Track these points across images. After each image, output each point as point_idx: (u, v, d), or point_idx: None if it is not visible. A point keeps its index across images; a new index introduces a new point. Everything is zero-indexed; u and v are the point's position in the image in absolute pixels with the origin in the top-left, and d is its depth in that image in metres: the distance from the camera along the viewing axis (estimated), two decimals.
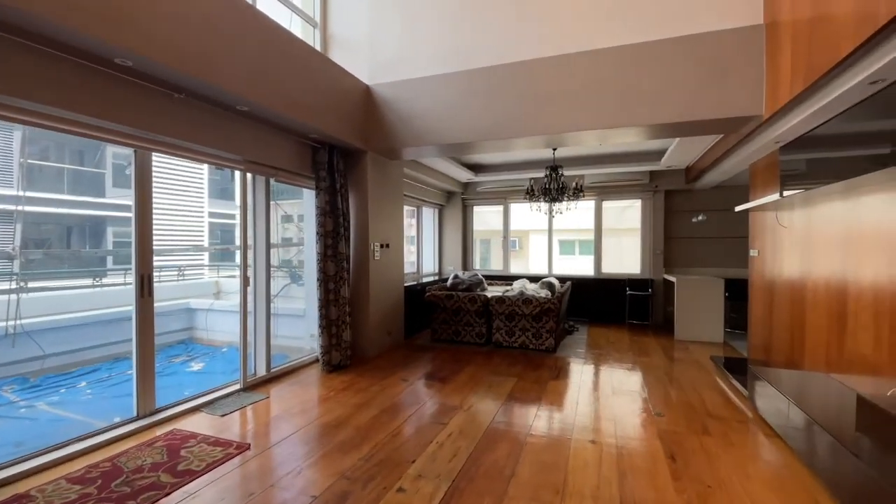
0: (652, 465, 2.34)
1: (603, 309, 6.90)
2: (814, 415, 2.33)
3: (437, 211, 7.71)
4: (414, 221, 6.92)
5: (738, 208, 4.45)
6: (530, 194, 5.58)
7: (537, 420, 2.96)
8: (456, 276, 5.79)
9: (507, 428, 2.82)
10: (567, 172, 5.72)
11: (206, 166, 11.80)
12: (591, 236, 7.30)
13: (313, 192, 4.19)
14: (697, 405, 3.23)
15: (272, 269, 3.97)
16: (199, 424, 2.87)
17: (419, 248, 6.95)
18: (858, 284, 2.60)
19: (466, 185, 7.62)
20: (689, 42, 3.39)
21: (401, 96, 4.33)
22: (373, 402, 3.27)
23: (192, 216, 11.03)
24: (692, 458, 2.41)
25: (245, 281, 3.58)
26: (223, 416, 3.02)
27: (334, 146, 4.20)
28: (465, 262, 7.84)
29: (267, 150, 3.64)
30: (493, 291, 5.93)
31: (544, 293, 5.19)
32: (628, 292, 6.63)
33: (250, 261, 3.73)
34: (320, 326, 4.06)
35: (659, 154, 6.03)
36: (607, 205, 7.15)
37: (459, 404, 3.24)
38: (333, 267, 4.18)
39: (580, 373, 4.08)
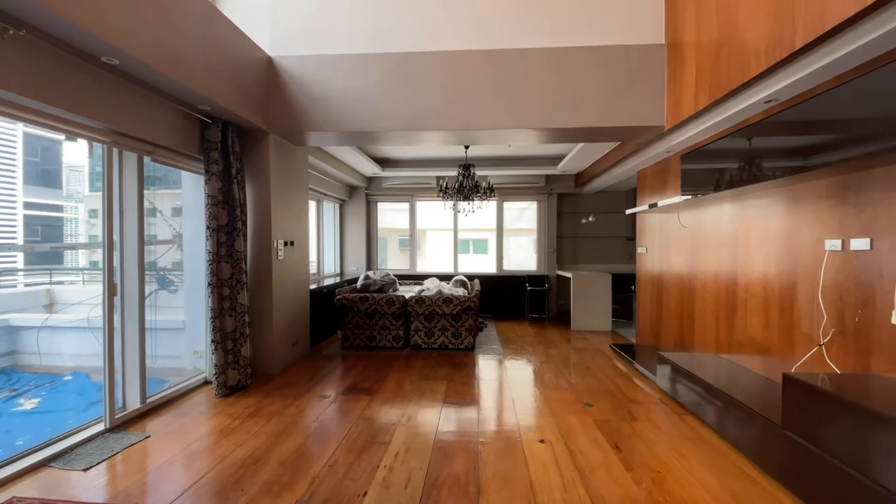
0: (603, 457, 2.39)
1: (506, 304, 7.18)
2: (720, 389, 2.63)
3: (338, 206, 7.14)
4: (314, 217, 6.28)
5: (629, 211, 4.96)
6: (444, 192, 5.48)
7: (483, 424, 2.83)
8: (367, 277, 5.40)
9: (456, 438, 2.64)
10: (476, 172, 5.77)
11: (19, 143, 9.22)
12: (485, 235, 7.53)
13: (202, 178, 3.44)
14: (616, 392, 3.47)
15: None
16: (50, 485, 2.08)
17: (320, 247, 6.34)
18: (748, 276, 3.04)
19: (371, 180, 7.21)
20: (602, 52, 3.61)
21: (312, 74, 3.82)
22: (293, 428, 2.78)
23: None
24: (634, 446, 2.53)
25: (111, 289, 2.75)
26: (86, 469, 2.24)
27: (229, 123, 3.51)
28: (370, 262, 7.43)
29: (142, 120, 2.84)
30: (406, 291, 5.69)
31: (460, 291, 5.13)
32: (528, 288, 6.99)
33: (116, 262, 2.88)
34: (213, 342, 3.35)
35: (556, 159, 6.47)
36: (508, 205, 7.45)
37: (396, 418, 2.94)
38: (229, 269, 3.49)
39: (505, 369, 4.10)
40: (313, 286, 5.26)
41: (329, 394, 3.41)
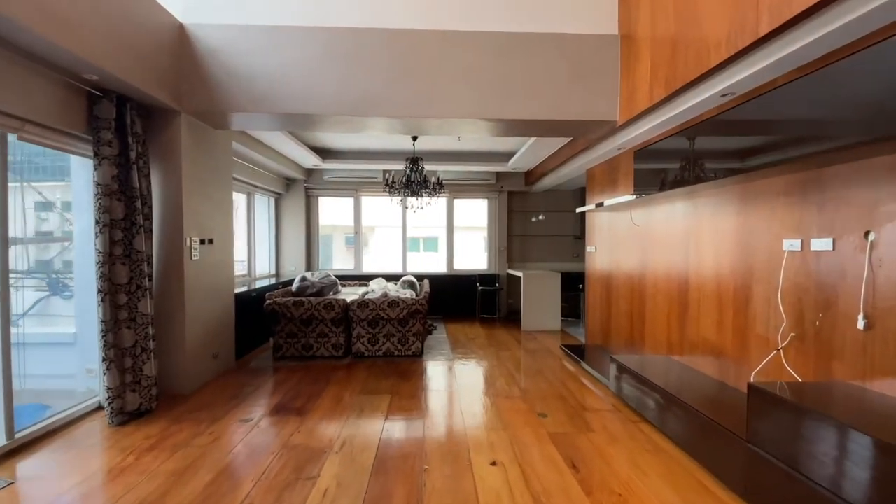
0: (560, 479, 2.16)
1: (456, 305, 6.93)
2: (677, 397, 2.51)
3: (273, 200, 6.53)
4: (244, 211, 5.67)
5: (580, 209, 4.86)
6: (390, 186, 5.11)
7: (429, 445, 2.52)
8: (303, 279, 4.92)
9: (398, 464, 2.30)
10: (425, 168, 5.45)
11: None
12: (435, 233, 7.25)
13: (90, 163, 2.85)
14: (569, 399, 3.29)
15: (19, 275, 2.53)
16: None
17: (251, 245, 5.73)
18: (700, 276, 2.96)
19: (311, 172, 6.67)
20: (556, 40, 3.41)
21: (235, 46, 3.31)
22: (201, 463, 2.32)
23: None
24: (592, 464, 2.33)
25: None
26: None
27: (127, 98, 2.93)
28: (310, 262, 6.88)
29: (3, 88, 2.25)
30: (349, 294, 5.26)
31: (408, 293, 4.80)
32: (479, 288, 6.78)
33: None
34: (105, 360, 2.78)
35: (507, 156, 6.30)
36: (458, 203, 7.20)
37: (329, 443, 2.56)
38: (126, 272, 2.93)
39: (454, 377, 3.82)
40: (242, 289, 4.70)
41: (252, 416, 2.95)
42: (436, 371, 4.01)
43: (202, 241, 3.63)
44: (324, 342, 4.37)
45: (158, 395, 3.15)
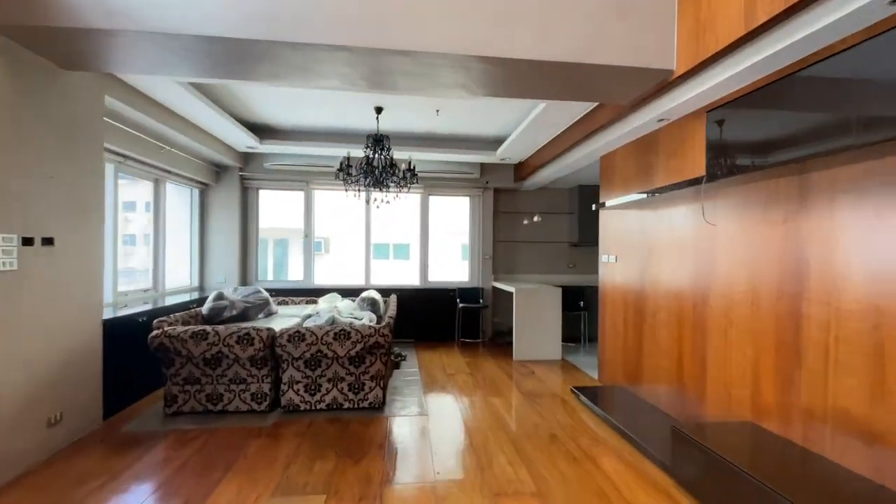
0: None
1: (431, 326, 5.67)
2: None
3: (197, 192, 5.10)
4: (150, 204, 4.24)
5: (615, 200, 3.70)
6: (344, 172, 3.83)
7: None
8: (219, 297, 3.55)
9: None
10: (393, 153, 4.20)
11: None
12: (405, 238, 6.00)
13: None
14: (613, 496, 2.09)
15: None
16: None
17: (158, 249, 4.30)
18: (837, 305, 1.83)
19: (248, 158, 5.28)
20: None
21: None
22: None
23: None
24: None
25: None
26: None
27: None
28: (248, 272, 5.46)
29: None
30: (288, 316, 3.92)
31: (366, 316, 3.51)
32: (460, 305, 5.54)
33: None
34: None
35: (496, 142, 5.14)
36: (434, 200, 5.97)
37: None
38: None
39: (432, 450, 2.55)
40: (125, 312, 3.29)
41: None
42: (403, 437, 2.74)
43: (26, 242, 2.25)
44: (239, 391, 3.01)
45: None
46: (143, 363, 3.26)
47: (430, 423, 2.96)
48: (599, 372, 4.01)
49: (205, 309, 3.47)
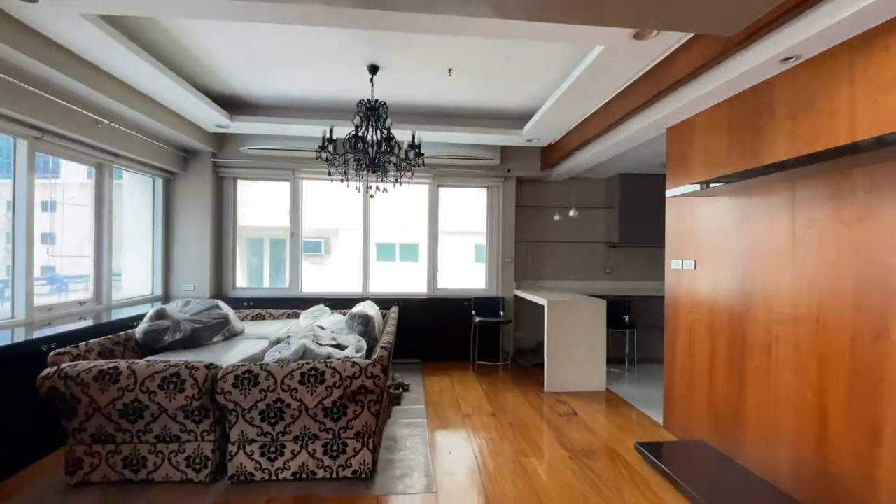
0: None
1: (440, 342, 4.73)
2: None
3: (161, 182, 4.24)
4: (90, 196, 3.39)
5: (680, 191, 2.75)
6: (326, 150, 2.90)
7: None
8: (160, 315, 2.67)
9: None
10: (393, 131, 3.27)
11: None
12: (413, 238, 5.07)
13: None
14: None
15: None
16: None
17: (101, 250, 3.44)
18: None
19: (221, 140, 4.41)
20: None
21: None
22: None
23: None
24: None
25: None
26: None
27: None
28: (223, 278, 4.58)
29: None
30: (256, 338, 3.02)
31: (352, 342, 2.59)
32: (476, 320, 4.59)
33: None
34: None
35: (522, 117, 4.16)
36: (445, 192, 5.03)
37: None
38: None
39: None
40: (21, 337, 2.42)
41: None
42: None
43: None
44: (170, 453, 2.12)
45: None
46: (43, 410, 2.37)
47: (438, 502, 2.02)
48: (665, 415, 3.02)
49: (139, 331, 2.59)
